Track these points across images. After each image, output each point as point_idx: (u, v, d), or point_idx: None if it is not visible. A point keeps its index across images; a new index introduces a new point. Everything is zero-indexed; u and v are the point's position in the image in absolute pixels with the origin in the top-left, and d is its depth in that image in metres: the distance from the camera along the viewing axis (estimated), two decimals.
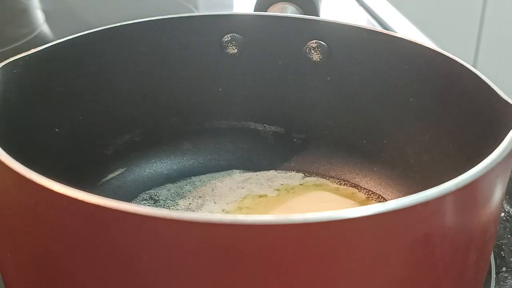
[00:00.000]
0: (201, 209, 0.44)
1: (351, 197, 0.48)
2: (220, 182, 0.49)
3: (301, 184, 0.49)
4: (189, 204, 0.46)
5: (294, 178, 0.49)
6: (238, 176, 0.49)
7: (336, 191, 0.48)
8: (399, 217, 0.28)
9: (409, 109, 0.46)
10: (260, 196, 0.47)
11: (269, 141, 0.51)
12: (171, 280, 0.28)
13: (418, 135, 0.45)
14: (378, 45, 0.46)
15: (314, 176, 0.50)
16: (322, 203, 0.47)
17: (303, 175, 0.50)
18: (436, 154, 0.44)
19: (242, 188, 0.48)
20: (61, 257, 0.30)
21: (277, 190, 0.48)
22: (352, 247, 0.28)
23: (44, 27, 0.77)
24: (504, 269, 0.41)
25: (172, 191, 0.48)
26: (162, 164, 0.50)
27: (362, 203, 0.47)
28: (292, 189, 0.48)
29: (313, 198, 0.47)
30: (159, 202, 0.47)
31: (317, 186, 0.49)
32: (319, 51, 0.48)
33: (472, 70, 0.40)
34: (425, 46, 0.44)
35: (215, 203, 0.46)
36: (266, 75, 0.50)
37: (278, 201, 0.46)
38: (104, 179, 0.48)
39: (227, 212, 0.45)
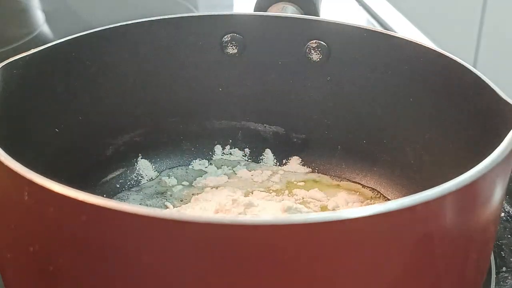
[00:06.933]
0: (201, 209, 0.44)
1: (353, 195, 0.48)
2: (219, 182, 0.49)
3: (300, 184, 0.49)
4: (189, 204, 0.46)
5: (293, 178, 0.49)
6: (237, 176, 0.49)
7: (336, 187, 0.48)
8: (399, 217, 0.28)
9: (409, 109, 0.46)
10: (260, 196, 0.47)
11: (269, 141, 0.51)
12: (171, 280, 0.28)
13: (418, 135, 0.45)
14: (378, 45, 0.46)
15: (314, 176, 0.50)
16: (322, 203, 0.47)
17: (303, 174, 0.50)
18: (436, 154, 0.44)
19: (242, 188, 0.48)
20: (61, 257, 0.30)
21: (277, 190, 0.48)
22: (352, 247, 0.28)
23: (44, 27, 0.77)
24: (504, 269, 0.41)
25: (172, 191, 0.48)
26: (162, 164, 0.50)
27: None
28: (292, 188, 0.48)
29: (313, 198, 0.47)
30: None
31: (317, 183, 0.49)
32: (319, 51, 0.48)
33: (472, 70, 0.40)
34: (425, 46, 0.44)
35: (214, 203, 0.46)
36: (266, 75, 0.50)
37: (278, 200, 0.46)
38: (104, 179, 0.48)
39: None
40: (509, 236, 0.44)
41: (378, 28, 0.65)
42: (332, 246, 0.28)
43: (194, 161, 0.51)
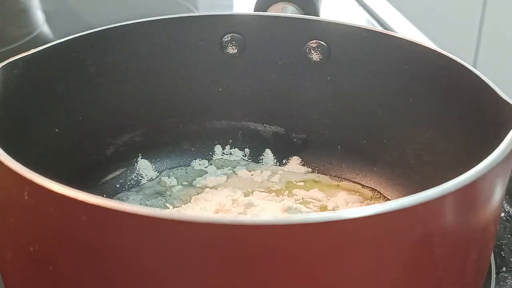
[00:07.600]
0: (201, 209, 0.44)
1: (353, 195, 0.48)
2: (219, 182, 0.49)
3: (300, 184, 0.49)
4: (189, 204, 0.46)
5: (293, 177, 0.49)
6: (237, 176, 0.49)
7: (336, 187, 0.48)
8: (399, 217, 0.28)
9: (409, 109, 0.46)
10: (260, 196, 0.47)
11: (269, 141, 0.51)
12: (171, 280, 0.28)
13: (418, 135, 0.45)
14: (378, 45, 0.46)
15: (314, 176, 0.50)
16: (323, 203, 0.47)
17: (303, 174, 0.50)
18: (436, 154, 0.44)
19: (242, 188, 0.48)
20: (61, 257, 0.30)
21: (277, 190, 0.48)
22: (352, 247, 0.28)
23: (44, 27, 0.77)
24: (504, 269, 0.41)
25: (172, 191, 0.48)
26: (162, 164, 0.50)
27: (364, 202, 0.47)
28: (292, 188, 0.48)
29: (313, 198, 0.47)
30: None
31: (317, 183, 0.49)
32: (319, 51, 0.48)
33: (472, 70, 0.40)
34: (425, 46, 0.44)
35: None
36: (266, 75, 0.50)
37: (278, 201, 0.46)
38: (104, 179, 0.48)
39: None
40: (509, 236, 0.44)
41: (378, 28, 0.65)
42: (332, 246, 0.28)
43: (194, 161, 0.51)
